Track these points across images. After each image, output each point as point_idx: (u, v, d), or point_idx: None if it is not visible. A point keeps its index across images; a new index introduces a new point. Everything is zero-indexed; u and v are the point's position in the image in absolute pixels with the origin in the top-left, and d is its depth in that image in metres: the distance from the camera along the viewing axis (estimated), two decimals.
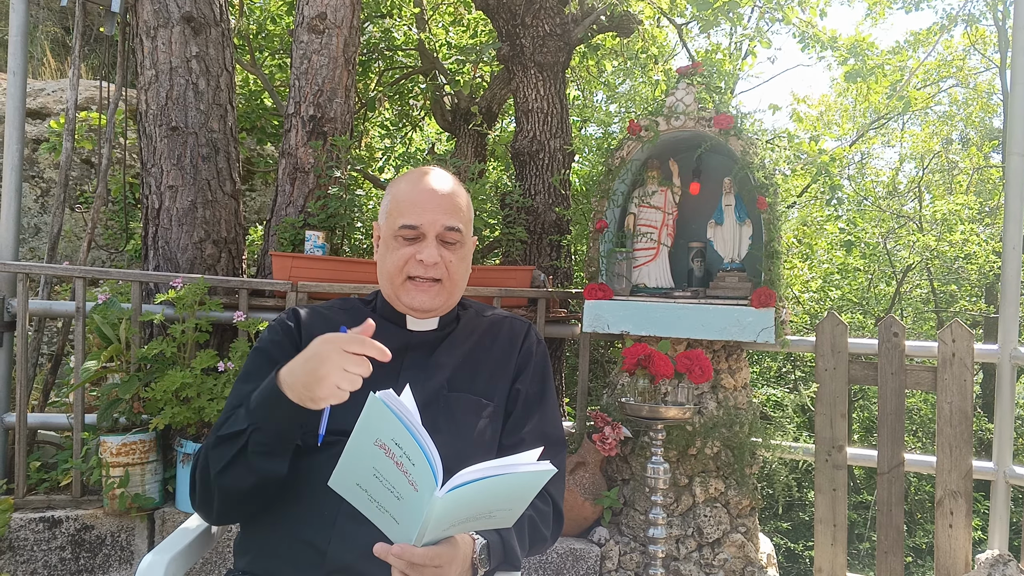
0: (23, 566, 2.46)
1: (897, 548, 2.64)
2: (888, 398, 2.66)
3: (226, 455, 1.17)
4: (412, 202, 1.31)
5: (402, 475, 0.97)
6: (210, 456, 1.19)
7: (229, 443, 1.17)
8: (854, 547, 6.60)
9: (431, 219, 1.30)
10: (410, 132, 6.06)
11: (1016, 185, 2.68)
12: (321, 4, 3.23)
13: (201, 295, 2.61)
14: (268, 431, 1.14)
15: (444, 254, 1.31)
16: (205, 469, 1.20)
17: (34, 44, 5.74)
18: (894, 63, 6.34)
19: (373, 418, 0.97)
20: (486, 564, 1.11)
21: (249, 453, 1.15)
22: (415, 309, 1.34)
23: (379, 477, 1.00)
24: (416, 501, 0.98)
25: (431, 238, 1.30)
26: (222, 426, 1.21)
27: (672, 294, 2.69)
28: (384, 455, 0.98)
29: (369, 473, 1.01)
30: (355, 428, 0.99)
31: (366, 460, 1.00)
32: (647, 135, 2.68)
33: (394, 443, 0.96)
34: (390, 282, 1.34)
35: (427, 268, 1.30)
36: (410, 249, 1.30)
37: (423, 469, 0.96)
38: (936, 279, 8.40)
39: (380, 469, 0.99)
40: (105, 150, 3.23)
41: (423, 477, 0.96)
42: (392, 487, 0.99)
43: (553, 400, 1.42)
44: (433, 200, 1.31)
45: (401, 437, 0.96)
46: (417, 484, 0.97)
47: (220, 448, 1.18)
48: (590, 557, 2.54)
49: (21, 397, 2.63)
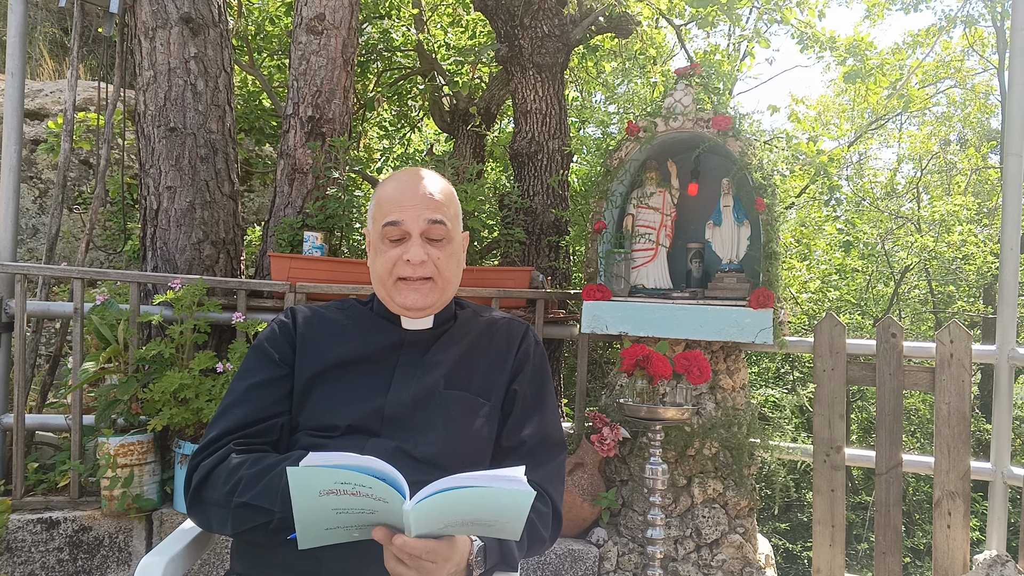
0: (21, 567, 2.46)
1: (895, 549, 2.64)
2: (886, 399, 2.66)
3: (250, 521, 1.16)
4: (394, 200, 1.32)
5: (364, 498, 0.97)
6: (233, 514, 1.17)
7: (256, 513, 1.15)
8: (852, 548, 6.61)
9: (413, 215, 1.30)
10: (409, 133, 6.06)
11: (1014, 186, 2.68)
12: (320, 5, 3.23)
13: (199, 296, 2.61)
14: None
15: (431, 252, 1.31)
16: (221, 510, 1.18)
17: (32, 45, 5.73)
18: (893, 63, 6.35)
19: (304, 485, 0.96)
20: (481, 566, 1.11)
21: (271, 531, 1.15)
22: (408, 308, 1.33)
23: (342, 512, 0.99)
24: (389, 510, 0.98)
25: (416, 236, 1.30)
26: (253, 486, 1.16)
27: (670, 295, 2.69)
28: (336, 496, 0.97)
29: (332, 516, 1.00)
30: (292, 503, 0.98)
31: (321, 511, 0.99)
32: (645, 136, 2.68)
33: (337, 483, 0.96)
34: (382, 285, 1.34)
35: (415, 268, 1.30)
36: (397, 251, 1.31)
37: (382, 488, 0.95)
38: (934, 280, 8.41)
39: (340, 506, 0.99)
40: (103, 151, 3.22)
41: (386, 493, 0.96)
42: (360, 510, 0.99)
43: (552, 401, 1.42)
44: (414, 196, 1.31)
45: (339, 476, 0.95)
46: (384, 498, 0.97)
47: (245, 512, 1.16)
48: (588, 558, 2.54)
49: (19, 398, 2.63)
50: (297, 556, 1.18)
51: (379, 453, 1.05)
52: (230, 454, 1.22)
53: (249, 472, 1.18)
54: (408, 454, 1.24)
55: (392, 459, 1.05)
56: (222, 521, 1.19)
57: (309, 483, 0.95)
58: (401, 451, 1.24)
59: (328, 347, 1.33)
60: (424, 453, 1.25)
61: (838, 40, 4.95)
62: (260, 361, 1.32)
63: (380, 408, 1.28)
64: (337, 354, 1.32)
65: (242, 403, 1.27)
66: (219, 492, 1.18)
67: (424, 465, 1.23)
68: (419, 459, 1.24)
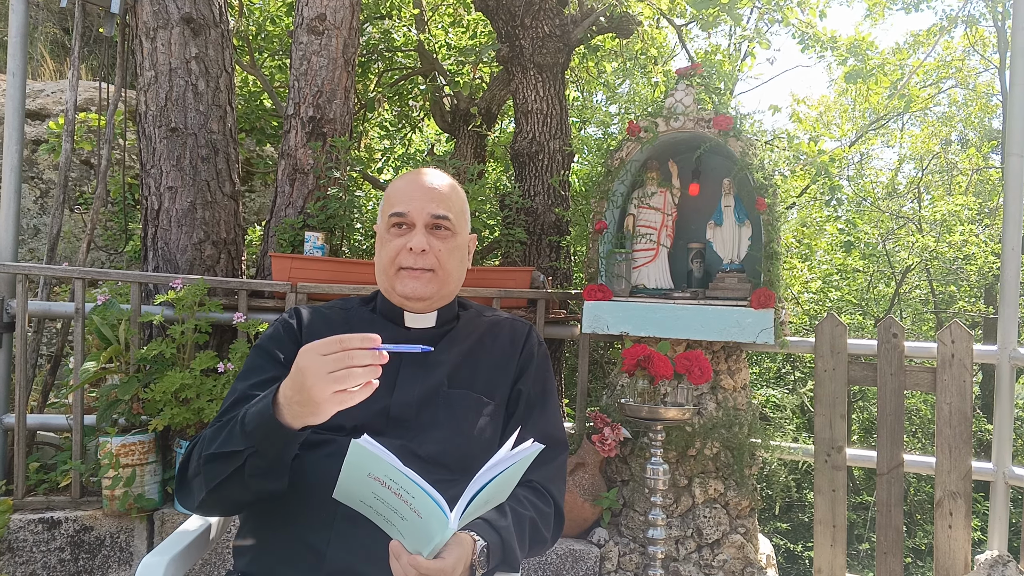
0: (22, 567, 2.46)
1: (896, 549, 2.64)
2: (887, 399, 2.66)
3: (221, 473, 1.13)
4: (402, 193, 1.36)
5: (403, 503, 0.98)
6: (203, 470, 1.15)
7: (224, 462, 1.12)
8: (853, 548, 6.60)
9: (419, 207, 1.33)
10: (409, 133, 6.06)
11: (1015, 186, 2.68)
12: (321, 5, 3.23)
13: (200, 296, 2.61)
14: (266, 454, 1.09)
15: (433, 243, 1.33)
16: (197, 476, 1.17)
17: (33, 45, 5.74)
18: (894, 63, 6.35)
19: (359, 460, 0.97)
20: (484, 566, 1.11)
21: (246, 475, 1.11)
22: (408, 297, 1.34)
23: (380, 500, 1.01)
24: (422, 526, 0.99)
25: (419, 227, 1.33)
26: (216, 439, 1.16)
27: (671, 295, 2.69)
28: (380, 486, 0.98)
29: (370, 495, 1.01)
30: (343, 467, 0.98)
31: (364, 487, 1.00)
32: (646, 136, 2.68)
33: (388, 478, 0.97)
34: (384, 274, 1.36)
35: (416, 257, 1.32)
36: (401, 240, 1.34)
37: (425, 503, 0.97)
38: (935, 280, 8.40)
39: (380, 495, 1.00)
40: (104, 151, 3.23)
41: (426, 509, 0.97)
42: (395, 509, 1.00)
43: (554, 401, 1.43)
44: (421, 190, 1.35)
45: (392, 474, 0.96)
46: (420, 512, 0.98)
47: (214, 465, 1.14)
48: (589, 558, 2.54)
49: (20, 398, 2.63)
50: (299, 551, 1.18)
51: None
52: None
53: (211, 431, 1.19)
54: (413, 453, 1.24)
55: (398, 458, 1.05)
56: (200, 486, 1.17)
57: (365, 461, 0.96)
58: (406, 450, 1.24)
59: None
60: (429, 452, 1.26)
61: (839, 40, 4.95)
62: (264, 361, 1.33)
63: (386, 408, 1.28)
64: None
65: (244, 401, 1.27)
66: (193, 463, 1.19)
67: (429, 464, 1.24)
68: (424, 458, 1.25)
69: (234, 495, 1.16)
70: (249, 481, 1.12)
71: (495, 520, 1.17)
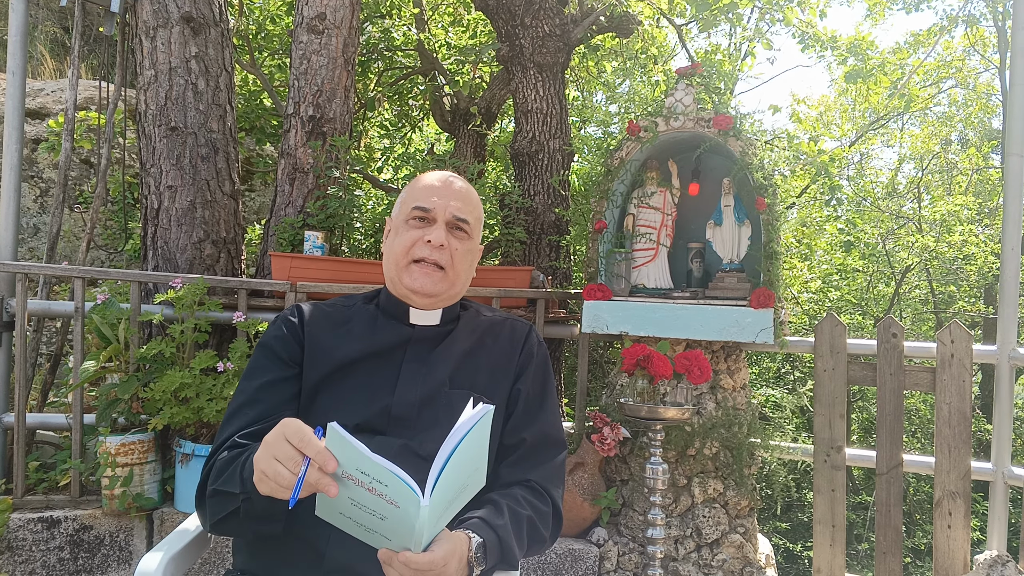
0: (21, 566, 2.46)
1: (896, 549, 2.64)
2: (887, 399, 2.66)
3: (222, 509, 1.15)
4: (430, 189, 1.37)
5: (378, 498, 0.98)
6: (208, 503, 1.17)
7: (224, 500, 1.14)
8: (853, 548, 6.61)
9: (444, 203, 1.35)
10: (409, 132, 6.06)
11: (1015, 186, 2.68)
12: (320, 4, 3.23)
13: (200, 295, 2.61)
14: (260, 501, 1.08)
15: (451, 241, 1.35)
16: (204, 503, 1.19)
17: (33, 44, 5.74)
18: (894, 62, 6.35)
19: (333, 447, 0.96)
20: (482, 563, 1.10)
21: (242, 517, 1.13)
22: (415, 292, 1.34)
23: (357, 505, 1.00)
24: (401, 516, 0.99)
25: (441, 223, 1.34)
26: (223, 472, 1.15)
27: (671, 295, 2.69)
28: (354, 485, 0.98)
29: (347, 503, 1.01)
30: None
31: (340, 494, 0.99)
32: (646, 136, 2.68)
33: (359, 472, 0.96)
34: (395, 264, 1.36)
35: (433, 250, 1.33)
36: (419, 232, 1.34)
37: (397, 487, 0.96)
38: (935, 280, 8.40)
39: (355, 498, 0.99)
40: (104, 150, 3.23)
41: (400, 494, 0.96)
42: (373, 511, 1.00)
43: (554, 401, 1.43)
44: (450, 191, 1.37)
45: (363, 464, 0.96)
46: (396, 501, 0.97)
47: (216, 500, 1.16)
48: (588, 557, 2.54)
49: (20, 397, 2.63)
50: (298, 550, 1.18)
51: (385, 451, 1.06)
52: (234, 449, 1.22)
53: (222, 459, 1.18)
54: (414, 452, 1.25)
55: (398, 457, 1.05)
56: (209, 513, 1.19)
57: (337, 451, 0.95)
58: (407, 449, 1.25)
59: (335, 345, 1.33)
60: (430, 451, 1.25)
61: (839, 40, 4.95)
62: (269, 360, 1.33)
63: (387, 407, 1.28)
64: (344, 353, 1.32)
65: (254, 403, 1.27)
66: (208, 487, 1.19)
67: (429, 463, 1.24)
68: (424, 457, 1.25)
69: (237, 530, 1.19)
70: (245, 520, 1.14)
71: (491, 518, 1.17)
